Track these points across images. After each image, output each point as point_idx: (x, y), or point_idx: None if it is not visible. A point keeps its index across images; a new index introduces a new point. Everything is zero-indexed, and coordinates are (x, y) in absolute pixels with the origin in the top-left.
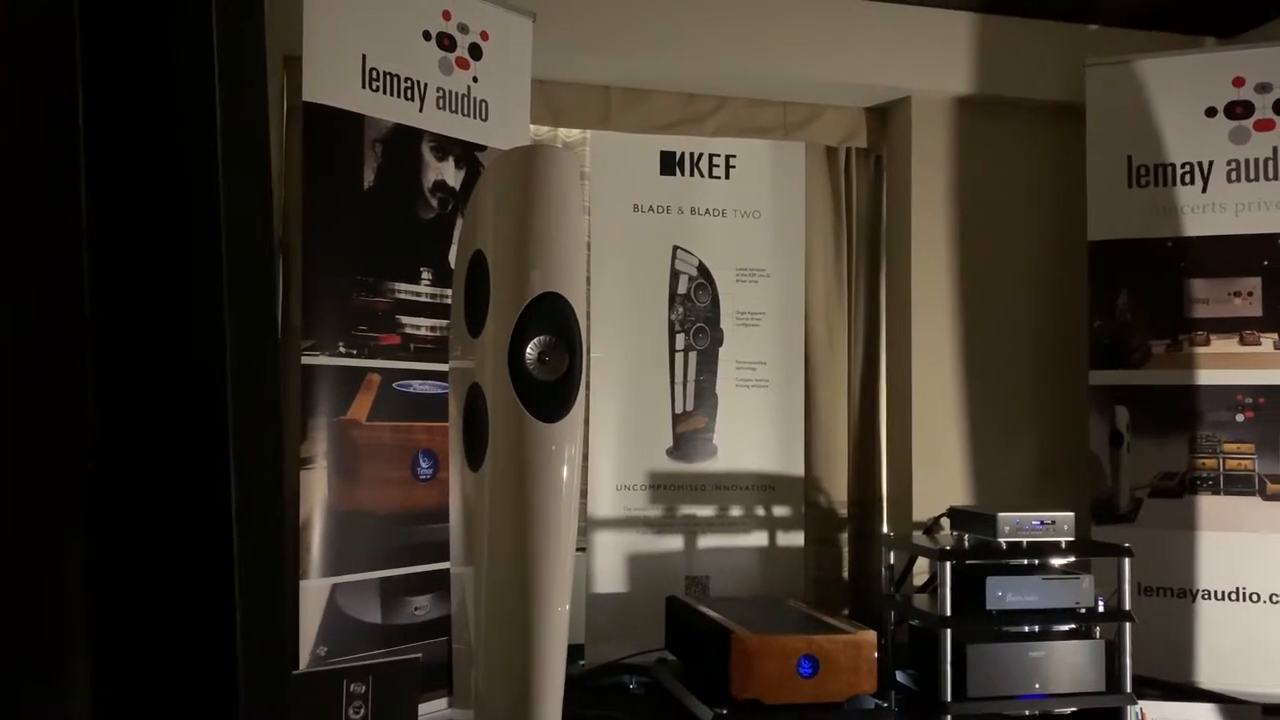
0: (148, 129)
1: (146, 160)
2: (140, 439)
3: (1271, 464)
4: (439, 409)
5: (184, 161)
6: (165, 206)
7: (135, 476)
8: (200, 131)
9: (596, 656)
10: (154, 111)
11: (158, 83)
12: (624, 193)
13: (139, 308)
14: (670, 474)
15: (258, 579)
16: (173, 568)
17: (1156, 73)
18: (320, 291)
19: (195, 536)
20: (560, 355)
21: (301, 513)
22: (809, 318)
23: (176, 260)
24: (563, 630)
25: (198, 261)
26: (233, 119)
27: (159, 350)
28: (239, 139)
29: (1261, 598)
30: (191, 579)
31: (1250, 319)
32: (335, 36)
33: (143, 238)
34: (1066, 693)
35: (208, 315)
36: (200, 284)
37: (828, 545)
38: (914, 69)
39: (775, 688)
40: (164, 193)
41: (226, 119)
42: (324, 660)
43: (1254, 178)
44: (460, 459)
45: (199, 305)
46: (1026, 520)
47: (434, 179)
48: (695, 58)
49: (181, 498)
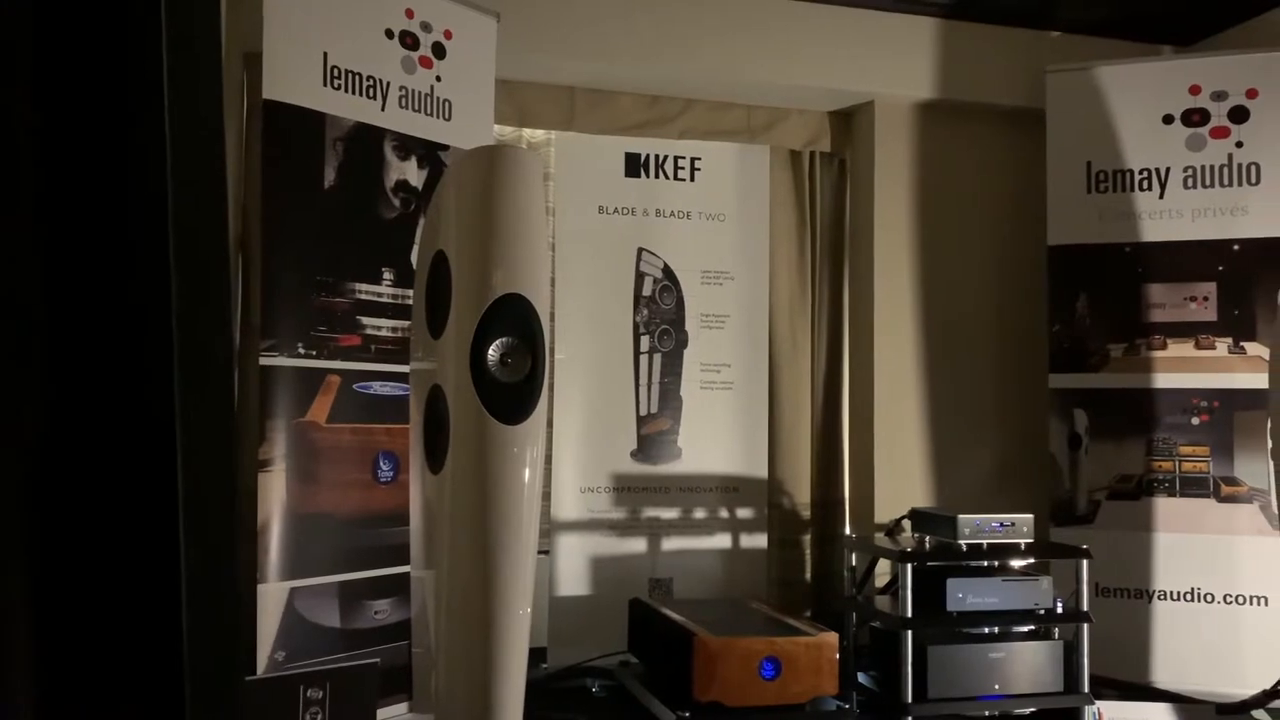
0: (96, 126)
1: (95, 159)
2: (87, 442)
3: (1225, 467)
4: (400, 411)
5: (131, 159)
6: (114, 206)
7: (80, 481)
8: (148, 129)
9: (559, 660)
10: (103, 108)
11: (107, 78)
12: (589, 194)
13: (87, 309)
14: (634, 476)
15: (206, 582)
16: (117, 572)
17: (1116, 80)
18: (280, 291)
19: (140, 539)
20: (523, 357)
21: (259, 515)
22: (773, 320)
23: (125, 260)
24: (524, 633)
25: (146, 261)
26: (183, 115)
27: (107, 353)
28: (190, 135)
29: (1216, 598)
30: (136, 583)
31: (1205, 324)
32: (296, 34)
33: (90, 238)
34: (1025, 693)
35: (156, 316)
36: (147, 284)
37: (791, 547)
38: (877, 74)
39: (737, 690)
40: (113, 191)
41: (177, 116)
42: (282, 665)
43: (1210, 184)
44: (421, 461)
45: (147, 305)
46: (986, 522)
47: (396, 178)
48: (660, 60)
49: (127, 501)
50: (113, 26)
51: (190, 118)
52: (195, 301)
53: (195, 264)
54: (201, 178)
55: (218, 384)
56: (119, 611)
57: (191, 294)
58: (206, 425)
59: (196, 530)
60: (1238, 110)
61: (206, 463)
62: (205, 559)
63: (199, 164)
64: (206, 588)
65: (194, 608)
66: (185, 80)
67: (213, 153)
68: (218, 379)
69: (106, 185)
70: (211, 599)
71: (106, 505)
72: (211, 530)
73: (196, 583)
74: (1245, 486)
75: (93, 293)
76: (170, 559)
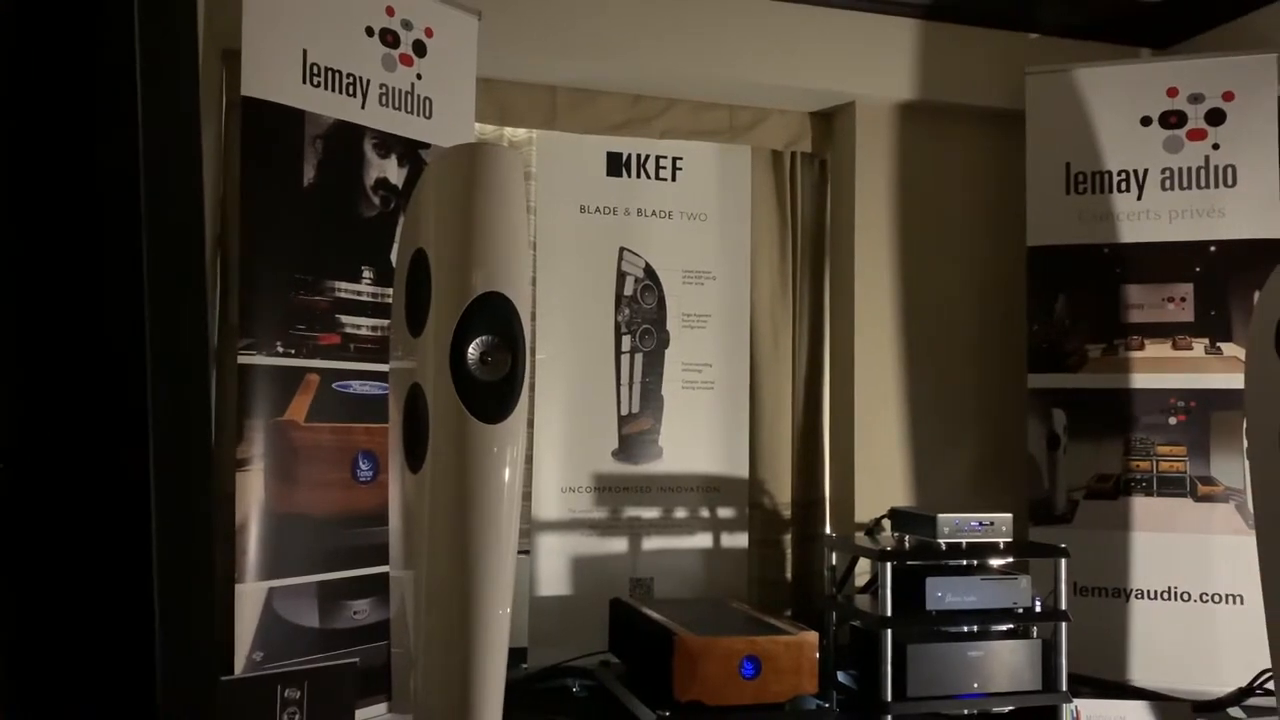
0: (67, 119)
1: (66, 153)
2: (58, 440)
3: (1202, 466)
4: (379, 410)
5: (104, 153)
6: (86, 200)
7: (51, 479)
8: (121, 120)
9: (540, 660)
10: (74, 100)
11: (79, 70)
12: (570, 193)
13: (58, 307)
14: (615, 476)
15: (180, 582)
16: (89, 572)
17: (1094, 82)
18: (258, 290)
19: (112, 539)
20: (503, 356)
21: (238, 515)
22: (754, 320)
23: (97, 256)
24: (503, 634)
25: (118, 257)
26: (157, 106)
27: (78, 351)
28: (165, 127)
29: (1193, 597)
30: (108, 583)
31: (1183, 324)
32: (275, 31)
33: (62, 234)
34: (1004, 692)
35: (128, 314)
36: (120, 280)
37: (771, 546)
38: (858, 75)
39: (717, 689)
40: (84, 186)
41: (151, 106)
42: (260, 665)
43: (1187, 186)
44: (400, 460)
45: (120, 301)
46: (966, 521)
47: (376, 176)
48: (642, 59)
49: (99, 499)
50: (85, 18)
51: (164, 108)
52: (170, 297)
53: (170, 259)
54: (176, 170)
55: (194, 380)
56: (90, 611)
57: (167, 289)
58: (181, 421)
59: (170, 528)
60: (1214, 113)
61: (181, 459)
62: (179, 557)
63: (174, 157)
64: (181, 586)
65: (167, 606)
66: (159, 71)
67: (188, 146)
68: (194, 375)
69: (77, 180)
70: (186, 598)
71: (78, 504)
72: (186, 528)
73: (170, 581)
74: (1222, 486)
75: (64, 289)
76: (143, 557)
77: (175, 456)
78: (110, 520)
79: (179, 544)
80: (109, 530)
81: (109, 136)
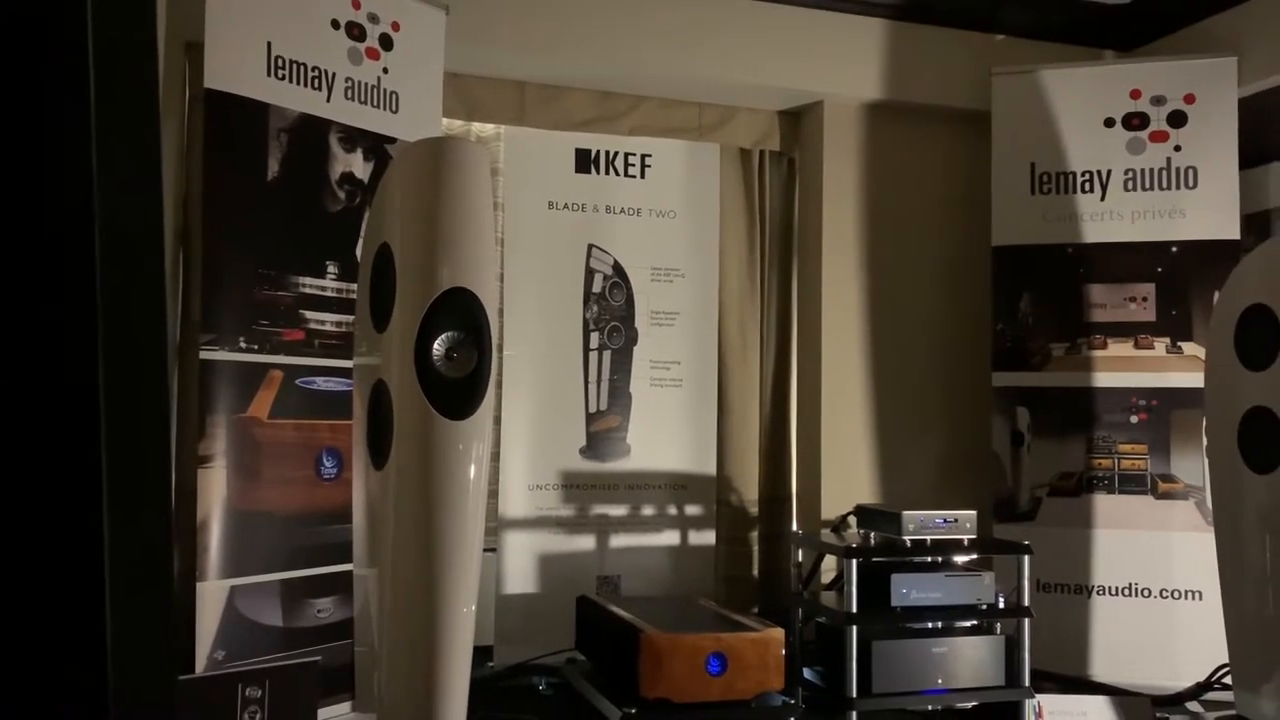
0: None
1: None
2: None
3: (1163, 464)
4: (344, 406)
5: (51, 139)
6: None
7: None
8: (70, 105)
9: (506, 658)
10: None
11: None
12: (538, 189)
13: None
14: (583, 473)
15: (135, 579)
16: (36, 570)
17: (1059, 83)
18: (221, 284)
19: (62, 535)
20: (468, 352)
21: (199, 513)
22: (723, 318)
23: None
24: (468, 632)
25: (69, 252)
26: (111, 103)
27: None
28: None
29: (1153, 593)
30: (57, 582)
31: (1145, 324)
32: (239, 22)
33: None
34: (968, 687)
35: (80, 306)
36: (72, 275)
37: (738, 544)
38: (826, 74)
39: (684, 686)
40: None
41: (104, 103)
42: (222, 664)
43: (1149, 187)
44: (364, 457)
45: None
46: (930, 518)
47: (341, 171)
48: (611, 56)
49: (49, 494)
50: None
51: (120, 91)
52: (125, 288)
53: (125, 250)
54: (133, 169)
55: (149, 373)
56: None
57: (121, 280)
58: (135, 412)
59: (124, 523)
60: (1176, 115)
61: (134, 451)
62: (134, 553)
63: (129, 143)
64: (136, 583)
65: (120, 604)
66: (114, 54)
67: (145, 133)
68: (149, 367)
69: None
70: (141, 595)
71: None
72: (142, 523)
73: (124, 578)
74: (1181, 484)
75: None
76: (95, 554)
77: (129, 449)
78: (60, 516)
79: (134, 540)
80: (59, 526)
81: (59, 122)
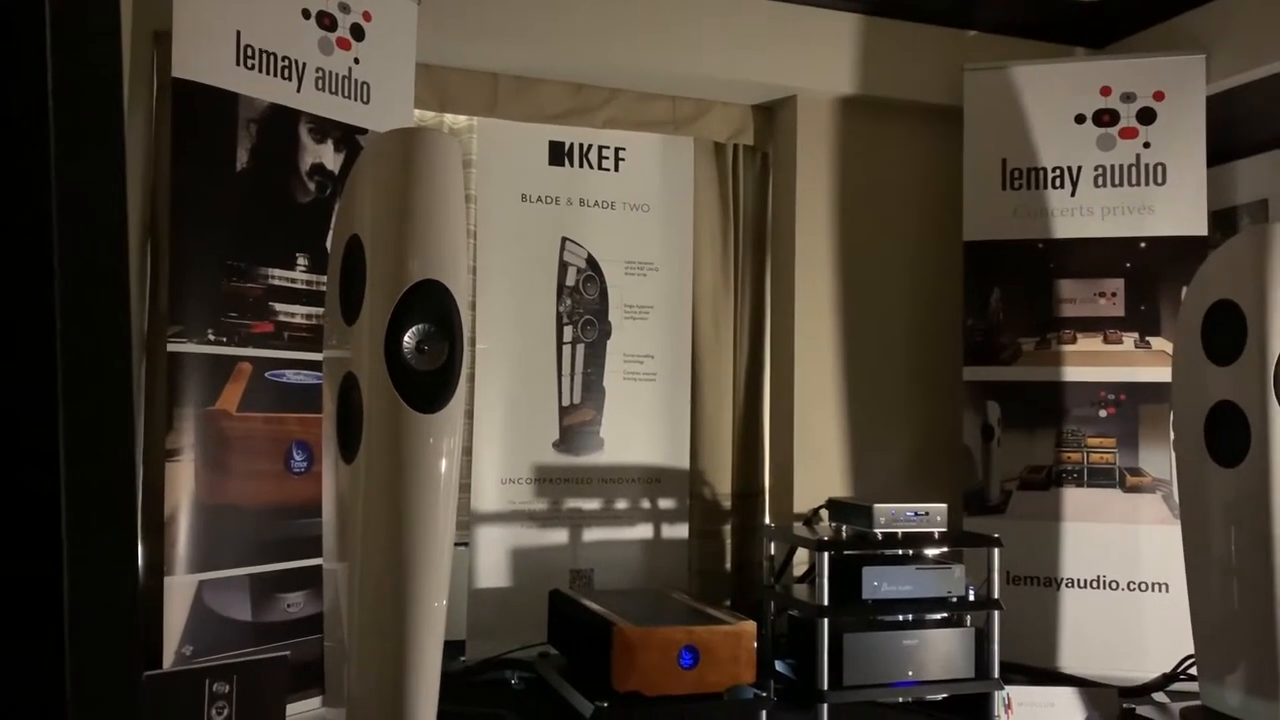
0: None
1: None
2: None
3: (1131, 458)
4: (313, 399)
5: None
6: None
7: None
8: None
9: (479, 652)
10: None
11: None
12: (512, 182)
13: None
14: (556, 467)
15: (96, 575)
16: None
17: (1031, 79)
18: (189, 276)
19: (17, 530)
20: (439, 344)
21: (167, 506)
22: (696, 312)
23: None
24: (439, 626)
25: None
26: (71, 89)
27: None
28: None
29: (1120, 585)
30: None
31: (1113, 319)
32: (208, 11)
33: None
34: (938, 679)
35: (38, 298)
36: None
37: (711, 537)
38: (800, 69)
39: (656, 679)
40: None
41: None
42: (190, 660)
43: (1119, 183)
44: (334, 451)
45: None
46: (901, 512)
47: (312, 161)
48: (585, 48)
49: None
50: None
51: (80, 75)
52: (85, 279)
53: (86, 241)
54: (93, 144)
55: (111, 364)
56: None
57: (81, 271)
58: (96, 403)
59: (84, 517)
60: (1145, 111)
61: (95, 442)
62: (94, 549)
63: (90, 132)
64: (96, 579)
65: (80, 600)
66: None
67: (107, 121)
68: (112, 359)
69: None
70: (102, 590)
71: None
72: (101, 516)
73: (83, 573)
74: (1149, 477)
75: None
76: (53, 549)
77: (89, 440)
78: (15, 509)
79: (96, 534)
80: (13, 519)
81: (16, 110)
